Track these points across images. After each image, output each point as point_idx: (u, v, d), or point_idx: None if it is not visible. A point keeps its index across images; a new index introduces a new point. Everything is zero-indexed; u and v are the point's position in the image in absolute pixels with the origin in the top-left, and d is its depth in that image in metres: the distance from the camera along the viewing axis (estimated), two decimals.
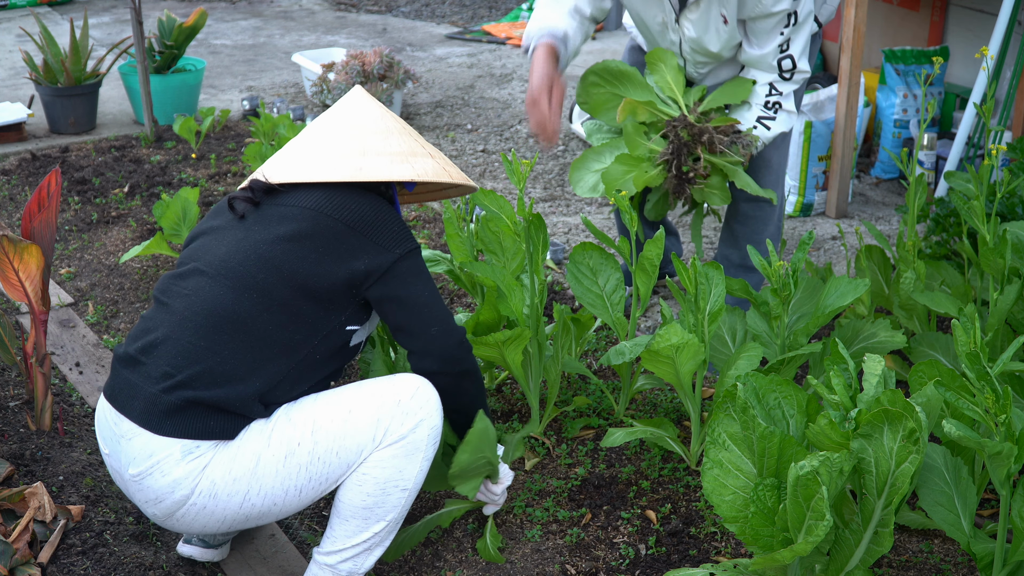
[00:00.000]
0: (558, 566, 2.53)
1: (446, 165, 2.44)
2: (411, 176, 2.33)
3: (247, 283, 2.23)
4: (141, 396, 2.19)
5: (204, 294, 2.24)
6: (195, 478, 2.17)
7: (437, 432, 2.30)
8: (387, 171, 2.33)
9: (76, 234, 4.33)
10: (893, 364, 3.14)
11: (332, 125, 2.43)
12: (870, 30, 5.24)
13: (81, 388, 3.27)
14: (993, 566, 2.14)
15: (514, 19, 7.83)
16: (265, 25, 7.95)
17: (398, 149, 2.39)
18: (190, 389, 2.16)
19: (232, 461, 2.19)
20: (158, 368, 2.19)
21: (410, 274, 2.32)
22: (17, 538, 2.41)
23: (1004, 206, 3.38)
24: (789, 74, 3.13)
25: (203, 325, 2.21)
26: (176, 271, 2.34)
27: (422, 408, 2.26)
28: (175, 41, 5.51)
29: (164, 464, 2.17)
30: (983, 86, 4.18)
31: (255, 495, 2.21)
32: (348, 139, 2.38)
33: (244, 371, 2.19)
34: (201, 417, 2.17)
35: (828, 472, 1.92)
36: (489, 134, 5.52)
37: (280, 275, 2.23)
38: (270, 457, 2.19)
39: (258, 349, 2.21)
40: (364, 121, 2.42)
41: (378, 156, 2.36)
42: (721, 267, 2.71)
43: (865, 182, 4.84)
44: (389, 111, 2.50)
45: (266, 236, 2.28)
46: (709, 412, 2.74)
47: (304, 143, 2.42)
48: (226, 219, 2.36)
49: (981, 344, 2.07)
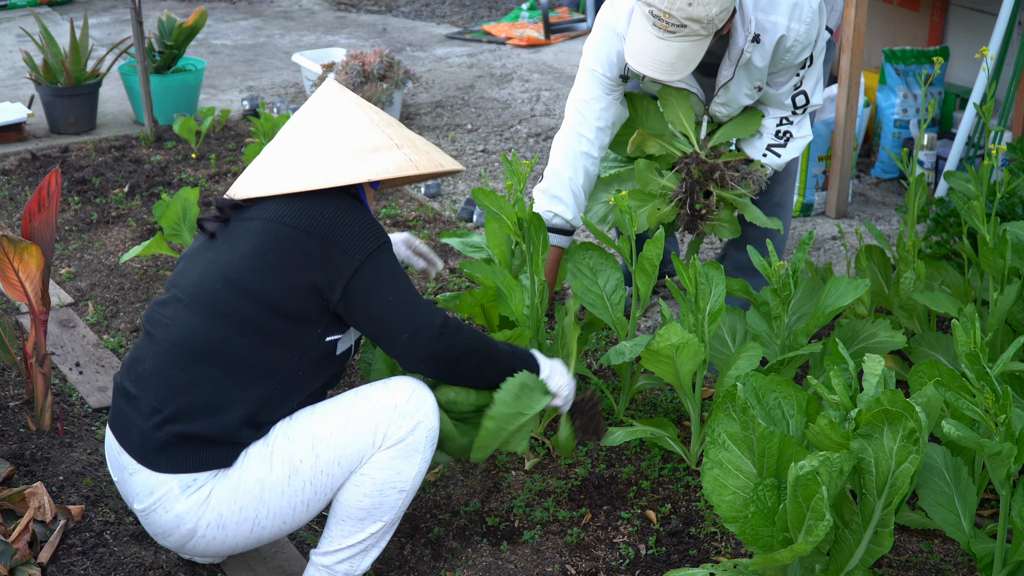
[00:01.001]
0: (558, 566, 2.53)
1: (414, 155, 2.34)
2: (371, 175, 2.26)
3: (218, 308, 2.21)
4: (135, 431, 2.21)
5: (181, 323, 2.23)
6: (198, 510, 2.19)
7: (434, 433, 2.29)
8: (346, 173, 2.26)
9: (76, 234, 4.32)
10: (893, 364, 3.14)
11: (299, 128, 2.37)
12: (870, 30, 5.24)
13: (81, 388, 3.27)
14: (993, 566, 2.14)
15: (514, 19, 7.82)
16: (265, 25, 7.95)
17: (361, 146, 2.30)
18: (178, 424, 2.17)
19: (235, 491, 2.19)
20: (147, 403, 2.20)
21: (373, 280, 2.25)
22: (17, 538, 2.41)
23: (1004, 206, 3.38)
24: (802, 109, 3.14)
25: (182, 356, 2.20)
26: (160, 298, 2.33)
27: (418, 411, 2.26)
28: (175, 41, 5.51)
29: (166, 500, 2.19)
30: (983, 86, 4.18)
31: (264, 518, 2.22)
32: (311, 143, 2.32)
33: (227, 400, 2.18)
34: (193, 450, 2.17)
35: (828, 472, 1.92)
36: (489, 134, 5.51)
37: (247, 296, 2.20)
38: (274, 480, 2.20)
39: (238, 375, 2.19)
40: (330, 120, 2.35)
41: (341, 157, 2.28)
42: (721, 267, 2.71)
43: (865, 182, 4.84)
44: (361, 102, 2.42)
45: (231, 256, 2.24)
46: (709, 412, 2.74)
47: (273, 152, 2.36)
48: (200, 241, 2.34)
49: (981, 344, 2.07)
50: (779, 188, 3.33)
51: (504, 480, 2.84)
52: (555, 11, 7.78)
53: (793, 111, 3.13)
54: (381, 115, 2.41)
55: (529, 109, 5.88)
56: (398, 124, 2.42)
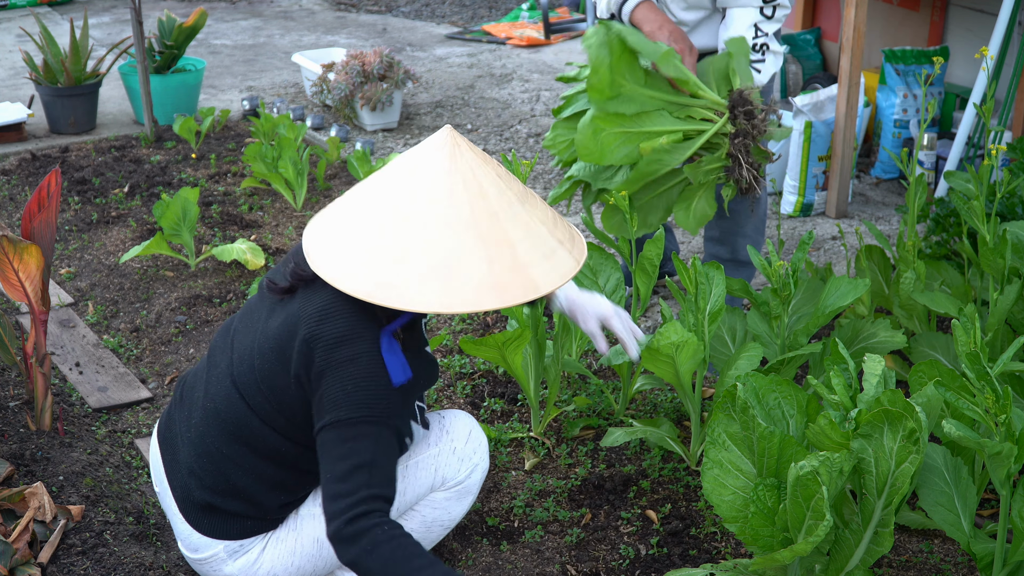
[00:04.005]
0: (558, 566, 2.53)
1: (503, 274, 1.85)
2: (435, 308, 1.83)
3: (252, 392, 2.05)
4: (178, 473, 2.16)
5: (223, 395, 2.08)
6: (253, 566, 2.15)
7: (485, 473, 2.32)
8: (411, 298, 1.84)
9: (76, 234, 4.32)
10: (893, 364, 3.14)
11: (397, 197, 1.92)
12: (870, 30, 5.24)
13: (81, 388, 3.27)
14: (993, 566, 2.14)
15: (514, 19, 7.82)
16: (265, 25, 7.95)
17: (442, 255, 1.85)
18: (215, 496, 2.11)
19: (292, 554, 2.15)
20: (187, 455, 2.14)
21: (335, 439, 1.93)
22: (17, 538, 2.41)
23: (1004, 206, 3.38)
24: (771, 10, 3.04)
25: (225, 431, 2.08)
26: (223, 343, 2.16)
27: (475, 453, 2.28)
28: (175, 41, 5.51)
29: (213, 562, 2.17)
30: (983, 86, 4.18)
31: (321, 568, 2.21)
32: (391, 233, 1.87)
33: (267, 487, 2.11)
34: (235, 521, 2.13)
35: (828, 472, 1.92)
36: (489, 134, 5.52)
37: (265, 397, 2.04)
38: None
39: (276, 463, 2.08)
40: (435, 202, 1.88)
41: (415, 267, 1.84)
42: (722, 267, 2.71)
43: (865, 182, 4.84)
44: (493, 171, 1.92)
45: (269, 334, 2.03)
46: (709, 412, 2.74)
47: (360, 213, 1.93)
48: (263, 299, 2.12)
49: (981, 344, 2.07)
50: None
51: (504, 480, 2.84)
52: (555, 11, 7.78)
53: (761, 12, 3.03)
54: (506, 191, 1.92)
55: (529, 109, 5.88)
56: (520, 201, 1.94)
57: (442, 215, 1.86)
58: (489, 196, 1.89)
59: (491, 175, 1.91)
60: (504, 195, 1.90)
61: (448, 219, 1.86)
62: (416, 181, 1.89)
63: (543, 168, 5.04)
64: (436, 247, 1.84)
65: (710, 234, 3.46)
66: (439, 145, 1.92)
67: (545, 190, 4.80)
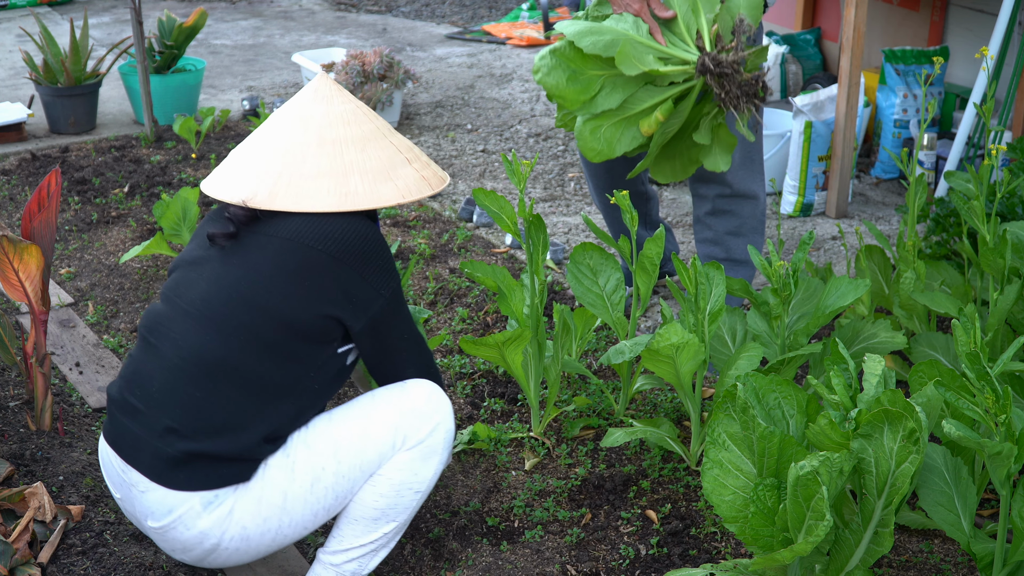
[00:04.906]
0: (558, 566, 2.53)
1: (422, 169, 2.30)
2: (396, 199, 2.21)
3: (233, 325, 2.17)
4: (147, 449, 2.17)
5: (192, 340, 2.18)
6: (222, 525, 2.17)
7: (452, 435, 2.30)
8: (373, 197, 2.20)
9: (76, 234, 4.32)
10: (893, 364, 3.14)
11: (304, 131, 2.26)
12: (870, 30, 5.24)
13: (81, 388, 3.27)
14: (993, 566, 2.14)
15: (514, 19, 7.82)
16: (265, 25, 7.95)
17: (378, 163, 2.24)
18: (194, 442, 2.14)
19: (259, 503, 2.18)
20: (159, 421, 2.16)
21: (395, 316, 2.26)
22: (17, 538, 2.41)
23: (1004, 206, 3.38)
24: None
25: (196, 375, 2.16)
26: (160, 307, 2.28)
27: (437, 412, 2.27)
28: (175, 41, 5.51)
29: (186, 518, 2.17)
30: (983, 86, 4.18)
31: (287, 527, 2.22)
32: (326, 155, 2.22)
33: (245, 419, 2.16)
34: (212, 467, 2.15)
35: (828, 472, 1.92)
36: (489, 134, 5.52)
37: (265, 315, 2.16)
38: (297, 489, 2.19)
39: (256, 394, 2.17)
40: (338, 127, 2.26)
41: (361, 177, 2.22)
42: (722, 267, 2.71)
43: (865, 182, 4.84)
44: (358, 103, 2.33)
45: (245, 272, 2.19)
46: (709, 412, 2.74)
47: (277, 153, 2.24)
48: (204, 250, 2.28)
49: (981, 344, 2.07)
50: (754, 149, 3.26)
51: (504, 480, 2.84)
52: (555, 11, 7.77)
53: None
54: (379, 120, 2.35)
55: (529, 109, 5.88)
56: (392, 129, 2.37)
57: (359, 134, 2.26)
58: (378, 117, 2.34)
59: (365, 106, 2.34)
60: (381, 119, 2.36)
61: (367, 135, 2.26)
62: (320, 114, 2.26)
63: (543, 168, 5.04)
64: (372, 159, 2.24)
65: (703, 235, 3.42)
66: (323, 84, 2.32)
67: (545, 190, 4.81)
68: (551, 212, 4.58)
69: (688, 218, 4.50)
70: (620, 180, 3.42)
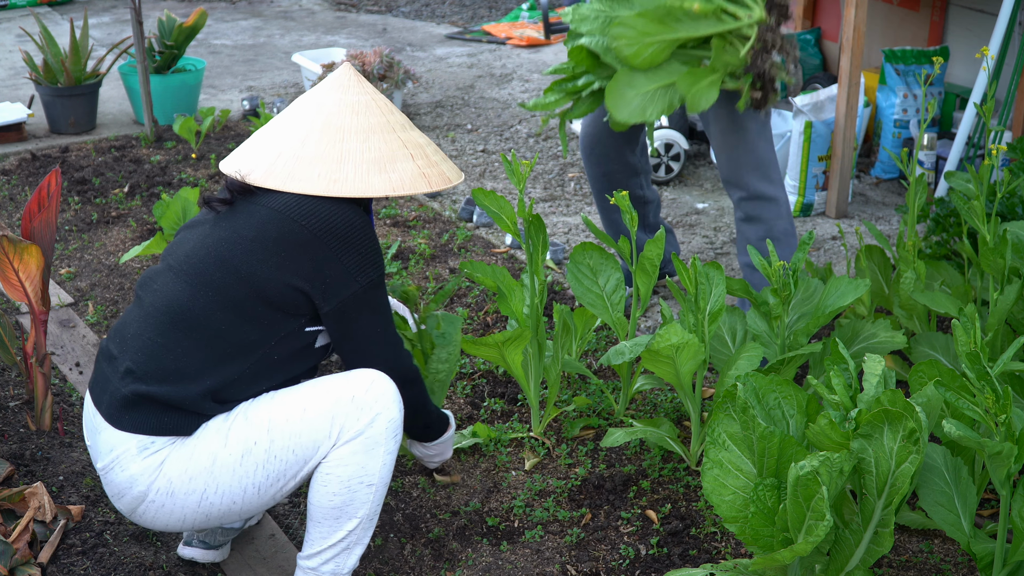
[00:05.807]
0: (558, 566, 2.53)
1: (426, 167, 2.35)
2: (385, 191, 2.26)
3: (204, 280, 2.23)
4: (109, 390, 2.23)
5: (167, 290, 2.26)
6: (151, 474, 2.19)
7: (396, 425, 2.26)
8: (361, 185, 2.26)
9: (76, 234, 4.33)
10: (893, 364, 3.14)
11: (314, 117, 2.34)
12: (870, 30, 5.24)
13: (81, 388, 3.27)
14: (993, 566, 2.14)
15: (514, 19, 7.82)
16: (265, 25, 7.95)
17: (377, 154, 2.30)
18: (144, 384, 2.18)
19: (188, 460, 2.20)
20: (124, 364, 2.22)
21: (366, 307, 2.28)
22: (17, 538, 2.41)
23: (1004, 206, 3.38)
24: None
25: (162, 322, 2.23)
26: (155, 266, 2.36)
27: (377, 402, 2.24)
28: (175, 41, 5.51)
29: (123, 459, 2.20)
30: (983, 86, 4.18)
31: (212, 494, 2.21)
32: (326, 142, 2.30)
33: (195, 369, 2.20)
34: (155, 413, 2.18)
35: (828, 472, 1.92)
36: (489, 134, 5.52)
37: (237, 276, 2.22)
38: (226, 456, 2.20)
39: (211, 348, 2.21)
40: (347, 115, 2.33)
41: (356, 166, 2.28)
42: (721, 267, 2.71)
43: (865, 182, 4.84)
44: (377, 96, 2.39)
45: (229, 234, 2.26)
46: (709, 412, 2.74)
47: (285, 133, 2.34)
48: (202, 215, 2.37)
49: (981, 344, 2.07)
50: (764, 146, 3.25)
51: (504, 480, 2.84)
52: (555, 11, 7.78)
53: None
54: (395, 114, 2.40)
55: None
56: (410, 126, 2.41)
57: (366, 124, 2.33)
58: (395, 112, 2.40)
59: (386, 100, 2.40)
60: (400, 114, 2.42)
61: (373, 127, 2.32)
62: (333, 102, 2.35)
63: (543, 168, 5.04)
64: (372, 150, 2.30)
65: (739, 243, 3.33)
66: (344, 73, 2.39)
67: (545, 190, 4.81)
68: (551, 212, 4.58)
69: (688, 218, 4.50)
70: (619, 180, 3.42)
